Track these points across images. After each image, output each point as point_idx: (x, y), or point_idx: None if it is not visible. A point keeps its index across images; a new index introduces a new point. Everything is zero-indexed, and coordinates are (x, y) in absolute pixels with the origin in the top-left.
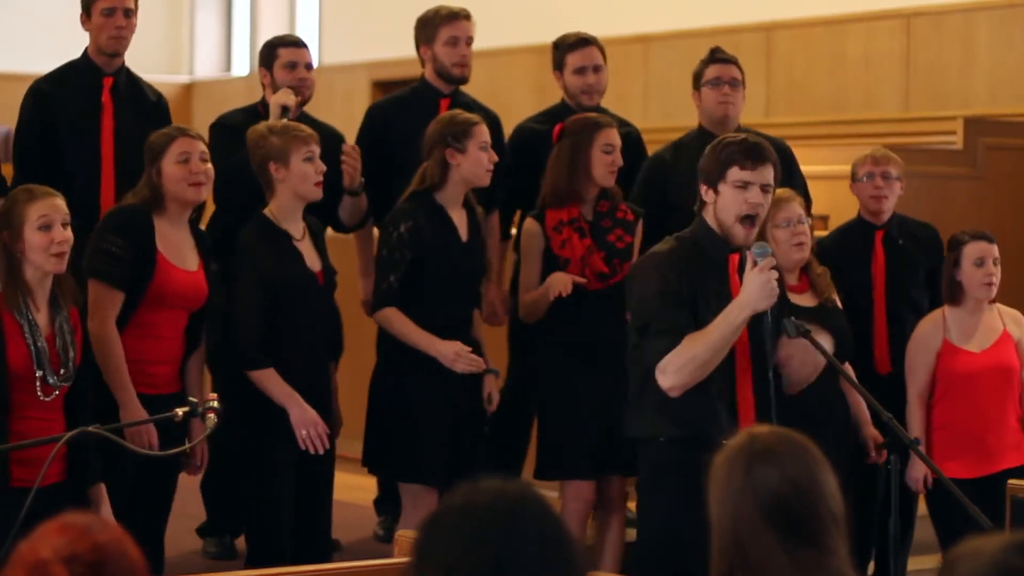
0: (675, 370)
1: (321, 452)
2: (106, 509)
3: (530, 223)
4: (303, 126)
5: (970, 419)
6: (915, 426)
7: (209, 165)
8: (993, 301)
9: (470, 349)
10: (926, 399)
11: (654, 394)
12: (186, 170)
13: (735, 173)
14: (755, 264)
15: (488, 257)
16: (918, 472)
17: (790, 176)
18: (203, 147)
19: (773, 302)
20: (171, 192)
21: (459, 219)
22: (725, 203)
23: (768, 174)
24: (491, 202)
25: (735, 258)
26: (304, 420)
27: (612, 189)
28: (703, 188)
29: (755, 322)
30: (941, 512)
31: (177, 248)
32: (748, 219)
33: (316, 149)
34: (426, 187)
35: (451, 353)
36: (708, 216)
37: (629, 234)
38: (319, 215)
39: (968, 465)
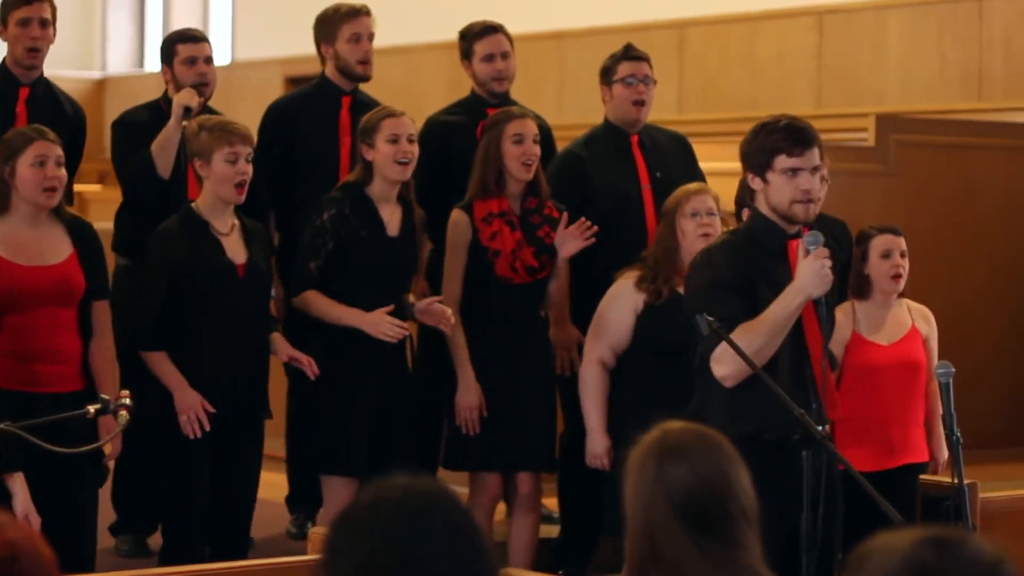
0: (731, 358)
1: (198, 436)
2: (24, 498)
3: (458, 214)
4: (238, 125)
5: (874, 412)
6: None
7: (63, 171)
8: (903, 295)
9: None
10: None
11: (719, 390)
12: (41, 174)
13: (783, 161)
14: (807, 253)
15: (420, 255)
16: None
17: (690, 169)
18: (60, 152)
19: (827, 288)
20: (23, 194)
21: (389, 214)
22: (777, 190)
23: (815, 156)
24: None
25: (795, 244)
26: (185, 403)
27: (540, 185)
28: (749, 176)
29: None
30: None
31: (29, 246)
32: (802, 202)
33: (242, 150)
34: (356, 181)
35: (374, 321)
36: (760, 204)
37: (555, 231)
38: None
39: (870, 458)
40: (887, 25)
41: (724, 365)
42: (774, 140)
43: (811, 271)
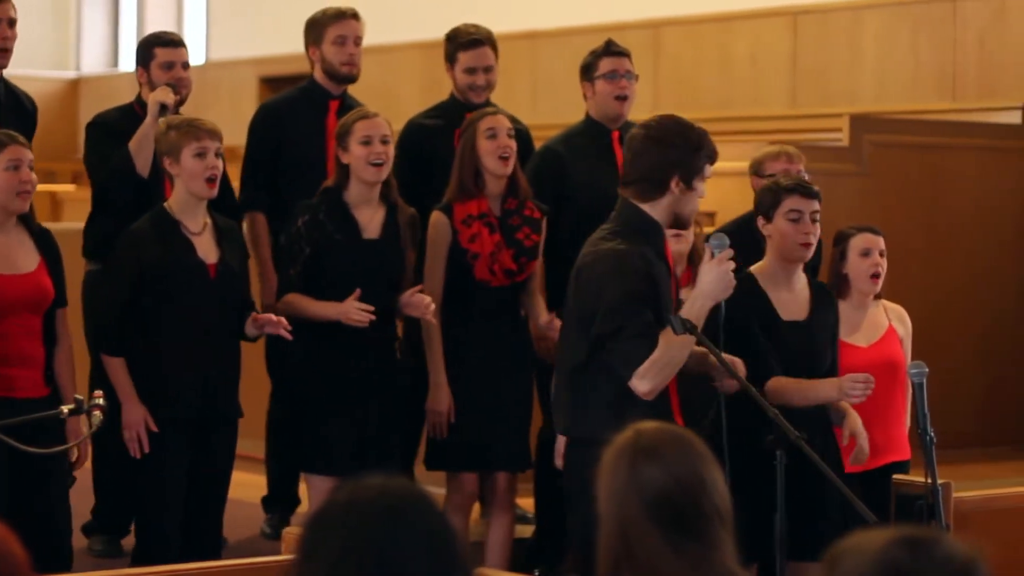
0: (654, 375)
1: (138, 456)
2: None
3: (438, 216)
4: (205, 121)
5: (857, 413)
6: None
7: (35, 176)
8: (878, 296)
9: (358, 295)
10: None
11: (607, 395)
12: (15, 178)
13: (708, 169)
14: (712, 256)
15: (408, 254)
16: None
17: None
18: (31, 156)
19: (731, 292)
20: None
21: (368, 217)
22: (696, 197)
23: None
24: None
25: (668, 242)
26: (130, 421)
27: (519, 185)
28: (674, 180)
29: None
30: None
31: (2, 254)
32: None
33: (210, 145)
34: (335, 185)
35: (344, 309)
36: (656, 206)
37: (536, 232)
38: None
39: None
40: (862, 25)
41: (648, 380)
42: (708, 148)
43: (716, 275)
